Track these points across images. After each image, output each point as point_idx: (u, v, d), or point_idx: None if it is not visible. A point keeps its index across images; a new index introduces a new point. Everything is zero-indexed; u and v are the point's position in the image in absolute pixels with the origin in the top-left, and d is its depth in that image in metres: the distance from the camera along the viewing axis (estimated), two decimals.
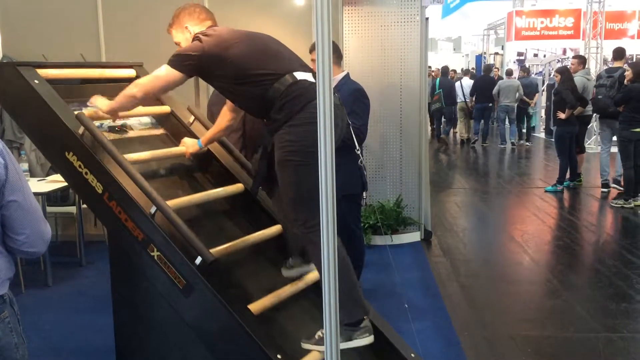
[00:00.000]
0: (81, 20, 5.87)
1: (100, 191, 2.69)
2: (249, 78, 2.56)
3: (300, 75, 2.57)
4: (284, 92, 2.52)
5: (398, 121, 5.90)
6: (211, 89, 3.57)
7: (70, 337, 3.92)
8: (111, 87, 3.39)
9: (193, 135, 3.22)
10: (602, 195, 8.16)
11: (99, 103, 2.76)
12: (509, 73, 14.50)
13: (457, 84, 14.13)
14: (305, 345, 2.59)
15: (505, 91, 13.11)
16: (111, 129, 3.08)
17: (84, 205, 5.43)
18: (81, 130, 2.71)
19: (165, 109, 3.31)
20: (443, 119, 14.39)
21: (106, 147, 2.66)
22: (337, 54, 4.14)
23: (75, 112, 2.76)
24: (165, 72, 2.60)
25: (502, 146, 13.49)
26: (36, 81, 2.82)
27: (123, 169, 2.64)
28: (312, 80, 2.56)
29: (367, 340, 2.57)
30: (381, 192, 5.95)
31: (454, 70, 17.01)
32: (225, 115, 2.99)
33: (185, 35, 2.80)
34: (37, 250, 1.87)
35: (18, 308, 1.91)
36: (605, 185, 8.23)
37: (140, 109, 3.08)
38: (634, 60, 15.58)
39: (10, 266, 1.84)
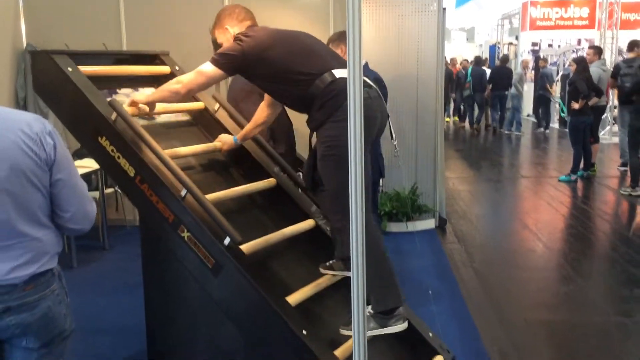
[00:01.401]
0: (103, 8, 5.97)
1: (132, 174, 2.81)
2: (289, 78, 2.65)
3: (338, 72, 2.63)
4: (324, 91, 2.60)
5: (414, 110, 5.97)
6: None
7: (98, 317, 4.06)
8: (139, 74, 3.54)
9: (218, 124, 3.33)
10: (621, 173, 8.71)
11: (138, 96, 2.86)
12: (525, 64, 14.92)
13: None
14: (344, 332, 2.65)
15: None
16: (141, 117, 3.19)
17: (107, 190, 5.59)
18: (114, 116, 2.82)
19: (200, 104, 3.38)
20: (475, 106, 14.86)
21: (138, 132, 2.77)
22: None
23: (108, 99, 2.87)
24: (207, 70, 2.69)
25: (506, 132, 14.12)
26: (70, 69, 2.93)
27: (154, 153, 2.74)
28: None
29: (401, 327, 2.69)
30: (397, 180, 6.04)
31: (466, 60, 17.17)
32: (263, 112, 3.10)
33: (226, 35, 2.91)
34: (82, 227, 1.99)
35: (65, 282, 2.03)
36: (624, 164, 8.67)
37: (175, 106, 3.19)
38: None
39: (58, 241, 1.96)
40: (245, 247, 2.70)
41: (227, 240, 2.64)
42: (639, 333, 3.80)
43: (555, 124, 15.11)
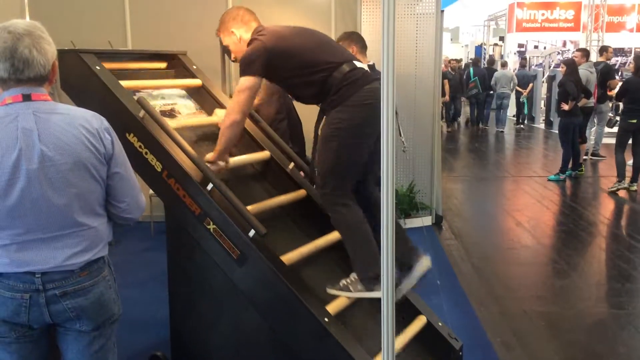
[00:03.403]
0: (108, 6, 6.06)
1: (159, 169, 2.92)
2: (314, 67, 2.76)
3: (357, 64, 2.80)
4: (342, 78, 2.73)
5: (412, 109, 6.13)
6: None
7: None
8: (156, 73, 3.65)
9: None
10: (592, 164, 9.53)
11: (208, 157, 2.91)
12: (504, 64, 15.44)
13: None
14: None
15: (501, 81, 14.43)
16: (162, 114, 3.30)
17: None
18: (141, 113, 2.93)
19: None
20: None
21: (166, 129, 2.89)
22: (362, 45, 4.36)
23: (136, 97, 2.98)
24: (244, 84, 2.76)
25: (497, 129, 14.74)
26: (97, 67, 3.04)
27: (181, 149, 2.87)
28: (367, 69, 2.80)
29: (424, 262, 2.87)
30: (395, 177, 6.18)
31: (455, 60, 17.49)
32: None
33: (232, 38, 2.98)
34: (134, 217, 2.13)
35: (114, 269, 2.16)
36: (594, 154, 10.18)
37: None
38: (633, 52, 15.89)
39: (110, 231, 2.09)
40: (285, 258, 2.84)
41: (251, 232, 2.77)
42: (632, 324, 3.99)
43: (541, 125, 15.44)
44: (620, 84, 9.60)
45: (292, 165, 3.42)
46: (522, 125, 15.45)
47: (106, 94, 2.99)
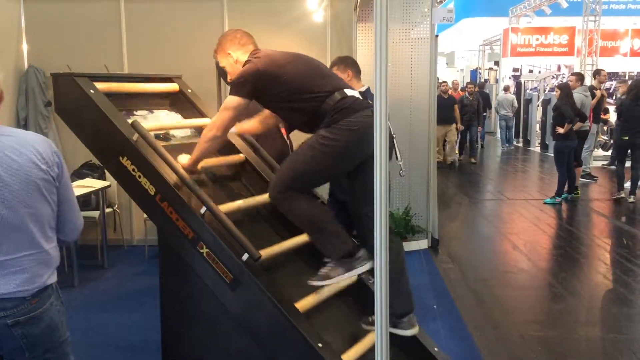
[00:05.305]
0: (104, 31, 6.09)
1: (152, 193, 2.91)
2: (305, 95, 2.77)
3: (348, 92, 2.81)
4: (334, 106, 2.74)
5: (407, 133, 6.14)
6: None
7: (103, 333, 4.11)
8: (153, 98, 3.65)
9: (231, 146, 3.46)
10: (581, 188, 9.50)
11: (181, 159, 2.95)
12: (506, 89, 15.78)
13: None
14: (313, 283, 2.86)
15: (503, 103, 15.45)
16: (156, 137, 3.30)
17: (107, 210, 5.66)
18: (135, 136, 2.93)
19: (240, 157, 3.48)
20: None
21: (159, 152, 2.88)
22: (357, 69, 4.38)
23: (130, 121, 2.98)
24: (230, 103, 2.77)
25: (502, 148, 15.85)
26: (92, 91, 3.05)
27: (175, 172, 2.86)
28: (359, 96, 2.81)
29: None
30: (390, 201, 6.16)
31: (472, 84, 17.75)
32: (255, 126, 3.30)
33: (228, 60, 3.00)
34: (73, 240, 2.22)
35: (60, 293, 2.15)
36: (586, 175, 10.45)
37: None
38: (627, 77, 16.03)
39: (59, 256, 2.10)
40: (299, 305, 2.81)
41: (245, 256, 2.75)
42: (631, 349, 3.95)
43: (536, 148, 15.52)
44: (597, 105, 10.21)
45: None
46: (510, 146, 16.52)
47: (100, 118, 2.99)
